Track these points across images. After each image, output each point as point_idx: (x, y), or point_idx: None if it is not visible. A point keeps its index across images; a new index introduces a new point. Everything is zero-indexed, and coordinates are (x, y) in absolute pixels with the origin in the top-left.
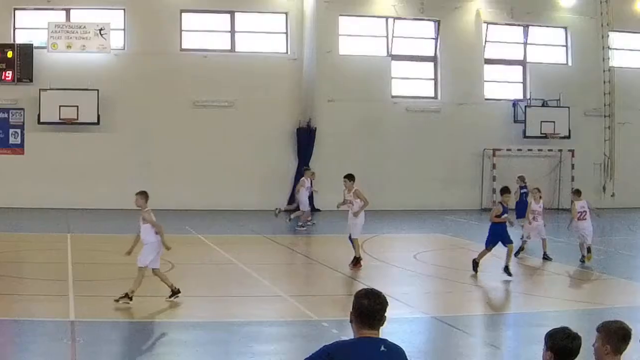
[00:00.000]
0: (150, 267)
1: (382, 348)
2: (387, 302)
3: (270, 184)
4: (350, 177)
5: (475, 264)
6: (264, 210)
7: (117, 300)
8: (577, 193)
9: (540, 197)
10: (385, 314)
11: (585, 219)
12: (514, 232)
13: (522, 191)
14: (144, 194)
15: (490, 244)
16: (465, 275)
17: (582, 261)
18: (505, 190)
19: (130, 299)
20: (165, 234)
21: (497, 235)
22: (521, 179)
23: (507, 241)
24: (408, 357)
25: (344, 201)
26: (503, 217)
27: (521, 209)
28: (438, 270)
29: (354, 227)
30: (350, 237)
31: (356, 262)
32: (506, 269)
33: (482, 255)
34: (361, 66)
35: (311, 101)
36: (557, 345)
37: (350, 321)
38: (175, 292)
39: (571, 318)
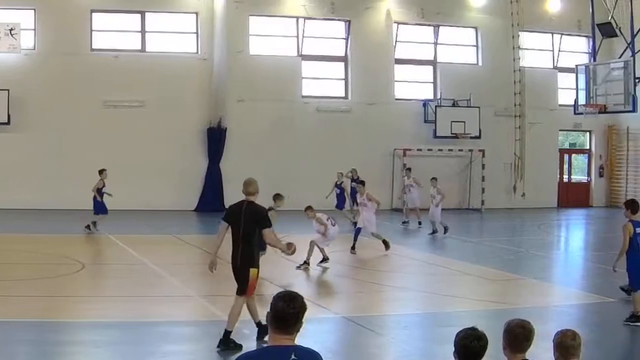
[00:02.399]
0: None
1: (293, 357)
2: (304, 307)
3: (181, 183)
4: (362, 183)
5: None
6: (176, 210)
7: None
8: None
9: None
10: (302, 319)
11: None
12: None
13: (351, 184)
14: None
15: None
16: (376, 275)
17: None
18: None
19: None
20: (77, 234)
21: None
22: (353, 172)
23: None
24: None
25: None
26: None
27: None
28: (349, 270)
29: (371, 225)
30: (372, 234)
31: (386, 245)
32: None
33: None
34: (272, 66)
35: (221, 101)
36: (460, 345)
37: (269, 323)
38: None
39: (481, 318)
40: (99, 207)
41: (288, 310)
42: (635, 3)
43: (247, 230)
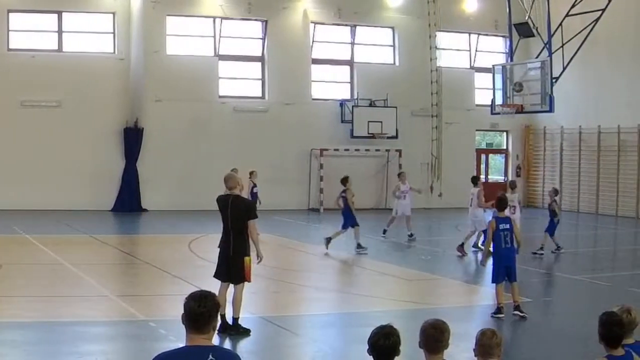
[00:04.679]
0: None
1: (210, 357)
2: (216, 305)
3: (98, 183)
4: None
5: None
6: (92, 210)
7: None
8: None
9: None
10: (217, 318)
11: None
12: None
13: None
14: None
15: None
16: (293, 275)
17: None
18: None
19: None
20: None
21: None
22: (252, 174)
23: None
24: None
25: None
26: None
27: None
28: (265, 270)
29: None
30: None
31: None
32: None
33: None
34: (189, 66)
35: (138, 101)
36: (371, 343)
37: (184, 324)
38: None
39: (398, 318)
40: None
41: (199, 310)
42: (552, 3)
43: (237, 222)
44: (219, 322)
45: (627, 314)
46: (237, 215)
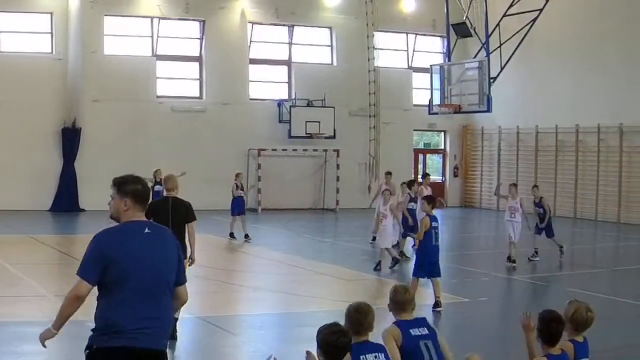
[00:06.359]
0: None
1: (147, 230)
2: (145, 184)
3: (35, 183)
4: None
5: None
6: (30, 210)
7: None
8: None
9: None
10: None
11: None
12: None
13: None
14: None
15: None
16: (231, 275)
17: None
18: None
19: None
20: None
21: None
22: (238, 176)
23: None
24: (174, 357)
25: None
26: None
27: None
28: (204, 270)
29: None
30: None
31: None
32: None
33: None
34: (126, 66)
35: (76, 101)
36: (324, 341)
37: (126, 209)
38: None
39: (337, 318)
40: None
41: (143, 189)
42: (489, 3)
43: (178, 224)
44: None
45: (588, 311)
46: (178, 217)
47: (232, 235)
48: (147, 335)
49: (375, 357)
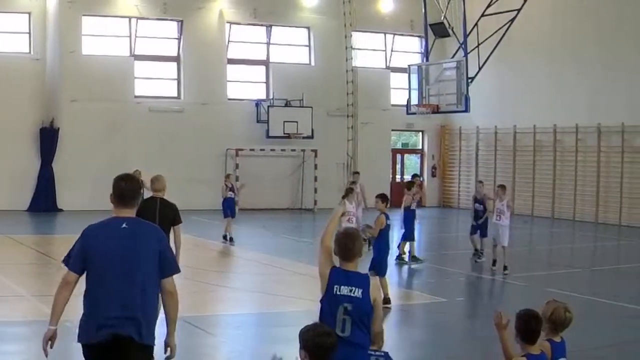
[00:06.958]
0: None
1: (124, 225)
2: (139, 184)
3: (13, 183)
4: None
5: None
6: (8, 210)
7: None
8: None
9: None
10: (140, 193)
11: None
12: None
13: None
14: None
15: None
16: (210, 275)
17: None
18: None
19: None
20: None
21: None
22: (228, 177)
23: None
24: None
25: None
26: None
27: None
28: (183, 270)
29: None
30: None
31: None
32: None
33: None
34: (104, 66)
35: (54, 101)
36: (310, 342)
37: (113, 205)
38: None
39: (316, 318)
40: None
41: (126, 187)
42: (467, 3)
43: (163, 227)
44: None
45: (566, 311)
46: (165, 219)
47: (227, 238)
48: (115, 321)
49: (351, 290)
